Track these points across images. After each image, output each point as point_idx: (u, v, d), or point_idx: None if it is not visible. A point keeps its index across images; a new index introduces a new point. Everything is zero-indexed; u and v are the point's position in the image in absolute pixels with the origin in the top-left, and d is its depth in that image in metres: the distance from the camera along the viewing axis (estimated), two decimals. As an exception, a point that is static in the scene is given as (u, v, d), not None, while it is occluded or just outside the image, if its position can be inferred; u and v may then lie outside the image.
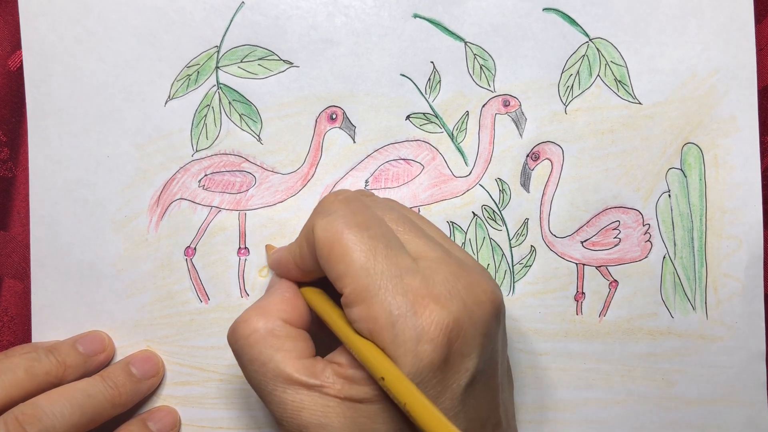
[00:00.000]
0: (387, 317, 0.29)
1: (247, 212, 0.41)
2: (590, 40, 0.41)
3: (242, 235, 0.41)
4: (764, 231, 0.42)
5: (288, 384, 0.31)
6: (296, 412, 0.31)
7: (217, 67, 0.41)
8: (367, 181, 0.41)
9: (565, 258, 0.42)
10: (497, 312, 0.31)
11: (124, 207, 0.41)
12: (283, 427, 0.32)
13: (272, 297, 0.34)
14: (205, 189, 0.41)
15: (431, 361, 0.28)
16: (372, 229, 0.31)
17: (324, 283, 0.34)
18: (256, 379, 0.32)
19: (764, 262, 0.42)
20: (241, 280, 0.41)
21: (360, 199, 0.33)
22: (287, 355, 0.31)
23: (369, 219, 0.31)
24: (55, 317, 0.41)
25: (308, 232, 0.32)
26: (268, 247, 0.41)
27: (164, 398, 0.41)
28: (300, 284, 0.36)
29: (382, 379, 0.28)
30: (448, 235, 0.41)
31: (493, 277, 0.41)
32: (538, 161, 0.42)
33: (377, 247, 0.30)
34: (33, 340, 0.40)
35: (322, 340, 0.34)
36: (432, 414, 0.26)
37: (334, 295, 0.33)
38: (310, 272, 0.34)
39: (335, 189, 0.41)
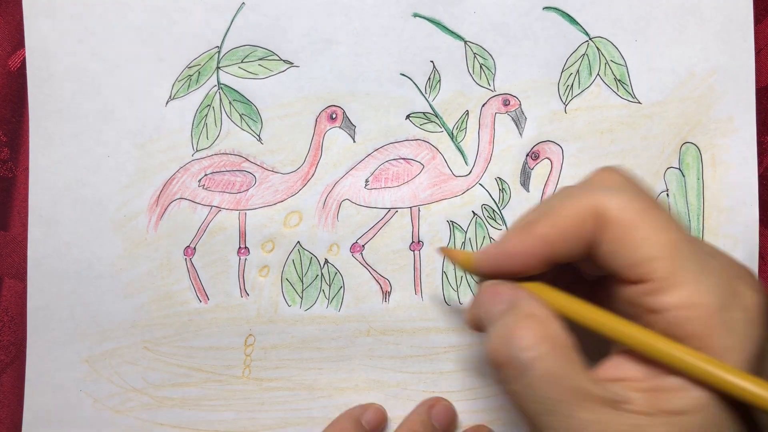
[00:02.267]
0: (716, 301, 0.26)
1: (247, 212, 0.41)
2: (590, 39, 0.42)
3: (242, 235, 0.41)
4: (760, 229, 0.43)
5: (590, 402, 0.25)
6: None
7: (218, 68, 0.40)
8: (367, 181, 0.41)
9: (565, 257, 0.42)
10: None
11: (123, 207, 0.40)
12: None
13: (531, 303, 0.29)
14: (205, 189, 0.41)
15: (758, 343, 0.26)
16: (666, 207, 0.28)
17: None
18: (544, 402, 0.26)
19: (758, 261, 0.43)
20: (241, 280, 0.41)
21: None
22: (580, 368, 0.26)
23: (655, 198, 0.28)
24: (52, 317, 0.40)
25: (581, 211, 0.28)
26: (446, 251, 0.35)
27: (161, 400, 0.41)
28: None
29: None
30: (449, 236, 0.42)
31: None
32: (538, 160, 0.42)
33: (680, 227, 0.27)
34: (29, 341, 0.40)
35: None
36: None
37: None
38: (556, 260, 0.29)
39: (336, 187, 0.41)
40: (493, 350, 0.28)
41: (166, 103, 0.40)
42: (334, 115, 0.41)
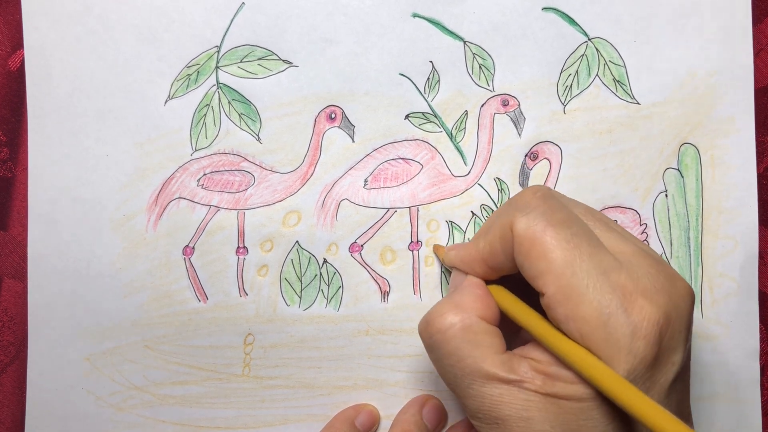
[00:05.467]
0: (598, 316, 0.28)
1: (246, 211, 0.41)
2: (589, 39, 0.41)
3: (241, 235, 0.41)
4: (760, 229, 0.43)
5: (486, 379, 0.31)
6: (495, 406, 0.31)
7: (217, 67, 0.40)
8: (366, 181, 0.41)
9: (563, 257, 0.42)
10: (694, 304, 0.31)
11: (122, 206, 0.41)
12: (477, 420, 0.32)
13: (465, 294, 0.34)
14: (204, 188, 0.41)
15: (644, 357, 0.28)
16: (573, 226, 0.31)
17: (504, 281, 0.35)
18: (451, 373, 0.32)
19: (758, 261, 0.43)
20: (240, 280, 0.41)
21: (556, 197, 0.33)
22: (485, 351, 0.31)
23: (569, 216, 0.31)
24: (52, 316, 0.40)
25: (503, 229, 0.32)
26: (435, 247, 0.41)
27: (162, 398, 0.41)
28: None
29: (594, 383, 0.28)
30: (447, 235, 0.42)
31: None
32: (537, 161, 0.42)
33: (580, 244, 0.30)
34: (30, 340, 0.40)
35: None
36: (660, 412, 0.26)
37: (517, 293, 0.34)
38: (498, 270, 0.34)
39: (335, 187, 0.41)
40: (419, 325, 0.34)
41: (165, 102, 0.40)
42: (333, 115, 0.41)
